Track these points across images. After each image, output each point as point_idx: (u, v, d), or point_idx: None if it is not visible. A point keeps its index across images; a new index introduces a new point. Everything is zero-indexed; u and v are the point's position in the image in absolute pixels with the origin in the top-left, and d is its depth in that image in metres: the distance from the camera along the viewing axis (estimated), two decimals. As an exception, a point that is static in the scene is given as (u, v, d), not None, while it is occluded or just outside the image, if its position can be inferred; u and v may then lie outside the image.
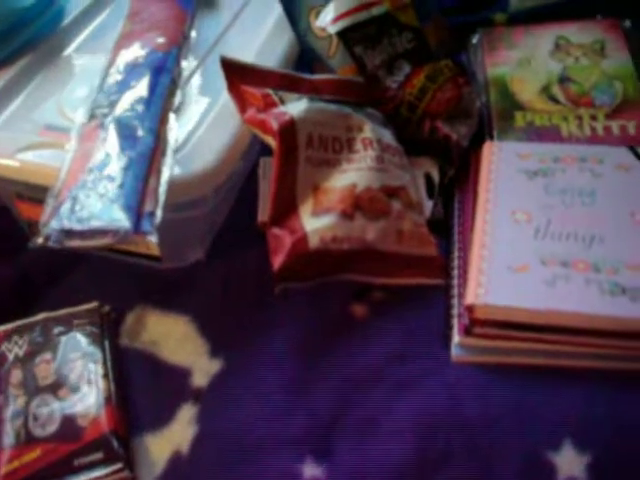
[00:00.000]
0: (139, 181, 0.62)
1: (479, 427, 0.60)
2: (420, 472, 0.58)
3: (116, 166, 0.63)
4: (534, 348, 0.63)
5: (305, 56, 0.86)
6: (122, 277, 0.74)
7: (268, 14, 0.87)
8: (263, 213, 0.74)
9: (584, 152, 0.74)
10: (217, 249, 0.76)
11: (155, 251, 0.71)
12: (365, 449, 0.59)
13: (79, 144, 0.66)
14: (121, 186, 0.61)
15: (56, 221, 0.59)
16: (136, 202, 0.60)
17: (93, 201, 0.60)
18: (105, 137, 0.66)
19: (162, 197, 0.62)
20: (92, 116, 0.69)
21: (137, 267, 0.74)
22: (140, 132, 0.66)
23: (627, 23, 0.91)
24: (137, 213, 0.59)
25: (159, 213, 0.60)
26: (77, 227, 0.59)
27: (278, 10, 0.86)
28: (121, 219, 0.59)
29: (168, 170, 0.64)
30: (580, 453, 0.58)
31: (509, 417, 0.60)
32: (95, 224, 0.59)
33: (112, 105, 0.69)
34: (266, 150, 0.74)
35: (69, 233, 0.59)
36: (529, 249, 0.65)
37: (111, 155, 0.64)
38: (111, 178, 0.62)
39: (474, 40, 0.93)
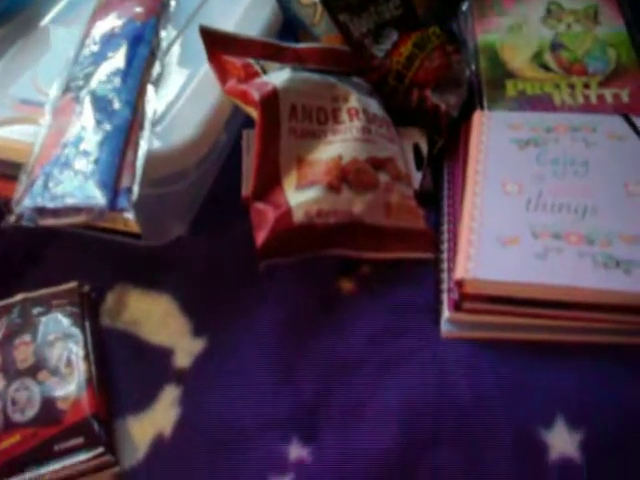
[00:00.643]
0: (115, 156, 0.60)
1: (469, 405, 0.59)
2: (408, 453, 0.56)
3: (92, 140, 0.60)
4: (525, 323, 0.62)
5: (289, 24, 0.84)
6: (102, 255, 0.72)
7: (251, -19, 0.84)
8: (247, 187, 0.71)
9: (577, 121, 0.72)
10: (200, 225, 0.74)
11: (135, 228, 0.69)
12: (352, 430, 0.58)
13: (54, 118, 0.64)
14: (96, 161, 0.59)
15: (29, 199, 0.57)
16: (112, 178, 0.58)
17: (67, 178, 0.58)
18: (80, 111, 0.63)
19: (140, 172, 0.60)
20: (67, 89, 0.66)
21: (117, 245, 0.72)
22: (117, 105, 0.63)
23: (620, -12, 0.89)
24: (113, 189, 0.57)
25: (136, 189, 0.58)
26: (50, 205, 0.57)
27: (261, -23, 0.83)
28: (96, 196, 0.57)
29: (146, 144, 0.62)
30: (573, 431, 0.57)
31: (500, 394, 0.59)
32: (69, 202, 0.57)
33: (87, 77, 0.66)
34: (250, 122, 0.71)
35: (42, 211, 0.57)
36: (520, 221, 0.63)
37: (86, 129, 0.62)
38: (86, 153, 0.60)
39: (464, 7, 0.91)
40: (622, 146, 0.69)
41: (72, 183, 0.58)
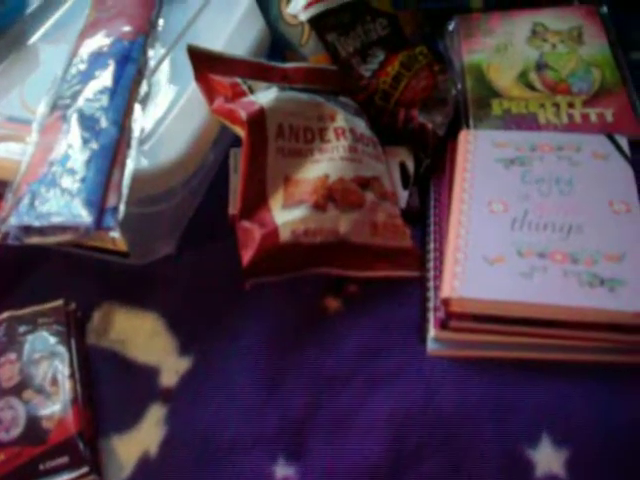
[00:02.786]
0: (102, 175, 0.60)
1: (455, 423, 0.59)
2: (394, 470, 0.57)
3: (78, 159, 0.60)
4: (511, 341, 0.62)
5: (277, 44, 0.84)
6: (89, 273, 0.72)
7: (238, 1, 0.85)
8: (234, 206, 0.72)
9: (561, 140, 0.73)
10: (188, 243, 0.74)
11: (122, 246, 0.69)
12: (338, 447, 0.58)
13: (40, 137, 0.64)
14: (83, 180, 0.59)
15: (15, 217, 0.57)
16: (99, 197, 0.58)
17: (54, 196, 0.58)
18: (67, 129, 0.63)
19: (126, 191, 0.60)
20: (54, 107, 0.66)
21: (105, 263, 0.72)
22: (104, 123, 0.63)
23: (604, 9, 0.90)
24: (99, 208, 0.57)
25: (122, 208, 0.58)
26: (36, 223, 0.56)
27: (249, -3, 0.84)
28: (82, 215, 0.57)
29: (133, 162, 0.62)
30: (558, 448, 0.57)
31: (486, 412, 0.59)
32: (55, 220, 0.56)
33: (75, 96, 0.66)
34: (239, 140, 0.71)
35: (28, 230, 0.57)
36: (506, 240, 0.64)
37: (73, 148, 0.62)
38: (73, 172, 0.60)
39: (450, 27, 0.92)
40: (606, 165, 0.70)
41: (58, 202, 0.58)
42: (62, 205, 0.57)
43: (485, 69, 0.85)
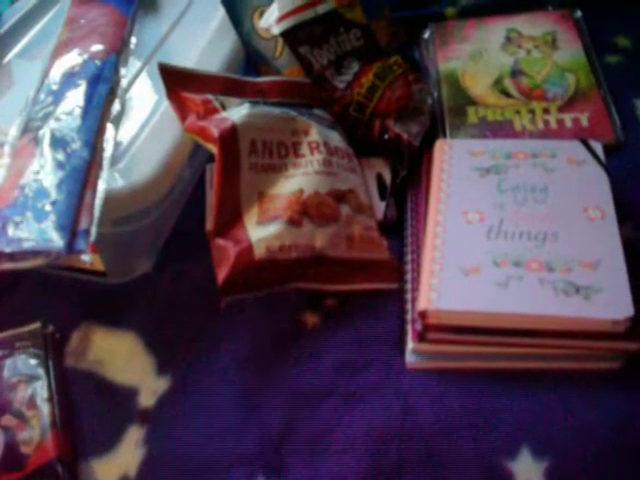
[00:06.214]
0: (74, 197, 0.59)
1: (434, 435, 0.59)
2: (374, 485, 0.56)
3: (50, 182, 0.60)
4: (490, 352, 0.62)
5: (251, 58, 0.84)
6: (66, 294, 0.71)
7: (211, 16, 0.85)
8: (210, 222, 0.71)
9: (536, 147, 0.73)
10: (165, 260, 0.73)
11: (100, 266, 0.69)
12: (317, 464, 0.58)
13: (12, 160, 0.64)
14: (54, 203, 0.58)
15: (-15, 244, 0.57)
16: (70, 220, 0.58)
17: (25, 221, 0.58)
18: (39, 152, 0.63)
19: (98, 212, 0.59)
20: (26, 129, 0.66)
21: (82, 283, 0.71)
22: (75, 145, 0.63)
23: (578, 13, 0.90)
24: (71, 232, 0.57)
25: (94, 230, 0.58)
26: (7, 249, 0.56)
27: (222, 12, 0.84)
28: (54, 239, 0.56)
29: (104, 184, 0.62)
30: (537, 459, 0.57)
31: (465, 424, 0.59)
32: (26, 245, 0.56)
33: (46, 117, 0.66)
34: (214, 156, 0.71)
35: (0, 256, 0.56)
36: (482, 250, 0.63)
37: (45, 170, 0.61)
38: (44, 195, 0.59)
39: (425, 35, 0.92)
40: (581, 171, 0.70)
41: (30, 226, 0.57)
42: (33, 230, 0.57)
43: (460, 77, 0.85)
